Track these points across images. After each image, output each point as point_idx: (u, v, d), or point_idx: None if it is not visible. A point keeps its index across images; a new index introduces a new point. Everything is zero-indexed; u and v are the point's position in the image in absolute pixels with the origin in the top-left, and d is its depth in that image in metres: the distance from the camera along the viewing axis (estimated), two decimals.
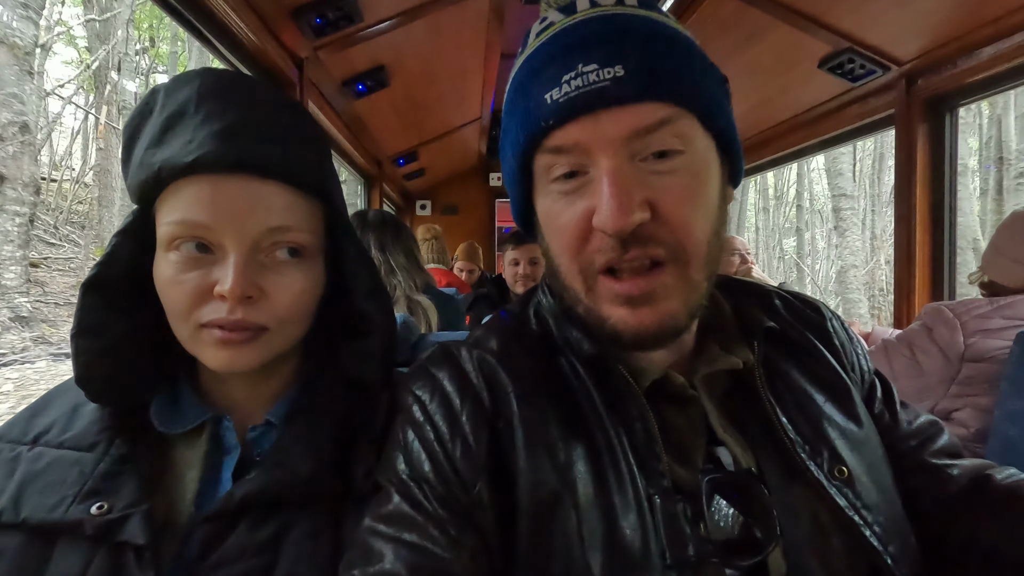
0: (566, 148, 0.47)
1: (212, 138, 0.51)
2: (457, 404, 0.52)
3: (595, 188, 0.46)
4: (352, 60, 1.97)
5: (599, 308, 0.49)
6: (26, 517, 0.50)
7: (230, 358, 0.54)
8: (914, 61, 1.80)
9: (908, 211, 1.90)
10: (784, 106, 2.36)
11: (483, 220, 4.78)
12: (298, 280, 0.56)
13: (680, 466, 0.48)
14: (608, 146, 0.45)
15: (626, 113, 0.45)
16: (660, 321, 0.47)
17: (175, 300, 0.53)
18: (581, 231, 0.48)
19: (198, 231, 0.52)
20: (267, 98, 0.57)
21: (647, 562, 0.43)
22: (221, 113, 0.52)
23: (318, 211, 0.59)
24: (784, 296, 0.64)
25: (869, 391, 0.62)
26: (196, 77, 0.54)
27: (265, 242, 0.54)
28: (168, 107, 0.54)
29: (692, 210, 0.47)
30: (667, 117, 0.45)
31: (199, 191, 0.52)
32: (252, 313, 0.53)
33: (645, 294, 0.47)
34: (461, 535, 0.46)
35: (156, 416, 0.58)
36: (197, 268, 0.52)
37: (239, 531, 0.52)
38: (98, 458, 0.54)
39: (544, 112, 0.47)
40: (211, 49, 1.39)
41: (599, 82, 0.44)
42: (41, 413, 0.59)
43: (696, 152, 0.48)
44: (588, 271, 0.49)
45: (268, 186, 0.54)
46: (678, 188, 0.46)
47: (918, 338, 1.37)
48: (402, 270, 1.55)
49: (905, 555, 0.48)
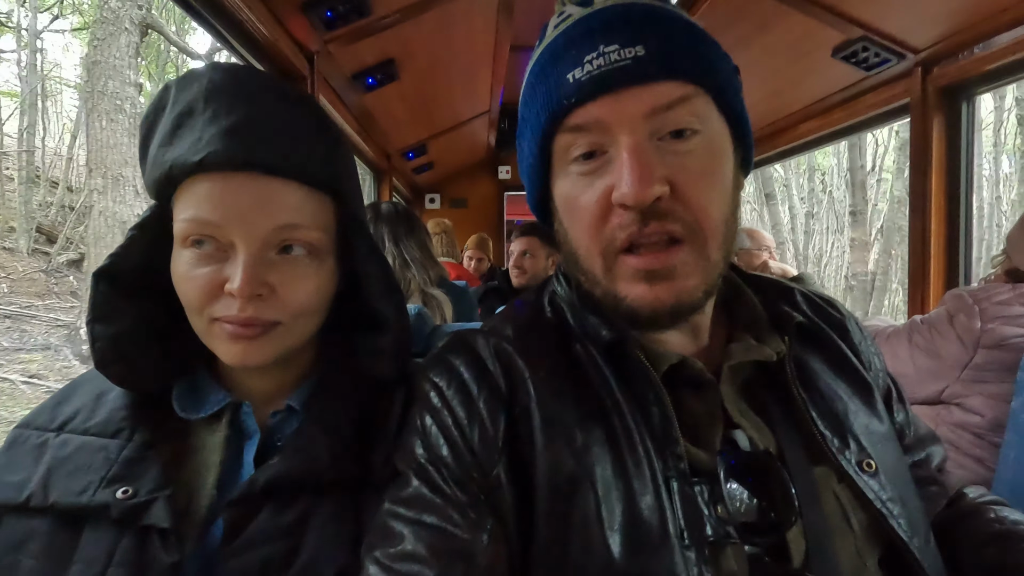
0: (587, 126, 0.48)
1: (219, 136, 0.51)
2: (474, 390, 0.52)
3: (615, 165, 0.48)
4: (362, 53, 1.97)
5: (616, 288, 0.50)
6: (55, 501, 0.52)
7: (242, 353, 0.54)
8: (930, 49, 1.76)
9: (923, 202, 1.87)
10: (796, 96, 2.33)
11: (492, 213, 4.77)
12: (309, 277, 0.57)
13: (697, 449, 0.49)
14: (628, 123, 0.47)
15: (646, 91, 0.46)
16: (677, 297, 0.48)
17: (189, 295, 0.54)
18: (601, 210, 0.49)
19: (208, 229, 0.52)
20: (275, 93, 0.56)
21: (666, 542, 0.44)
22: (228, 110, 0.52)
23: (329, 207, 0.59)
24: (806, 294, 0.65)
25: (887, 392, 0.63)
26: (205, 73, 0.54)
27: (275, 239, 0.54)
28: (178, 104, 0.54)
29: (709, 189, 0.48)
30: (685, 95, 0.47)
31: (209, 189, 0.52)
32: (262, 310, 0.54)
33: (665, 268, 0.48)
34: (480, 517, 0.47)
35: (177, 402, 0.59)
36: (209, 264, 0.53)
37: (263, 515, 0.54)
38: (122, 444, 0.55)
39: (566, 91, 0.48)
40: (223, 42, 1.40)
41: (620, 61, 0.46)
42: (66, 401, 0.60)
43: (712, 132, 0.49)
44: (608, 250, 0.50)
45: (277, 183, 0.54)
46: (695, 167, 0.48)
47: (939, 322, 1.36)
48: (416, 263, 1.55)
49: (928, 550, 0.49)
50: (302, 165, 0.55)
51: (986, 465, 1.24)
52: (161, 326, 0.59)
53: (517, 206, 4.79)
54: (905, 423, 0.62)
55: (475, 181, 4.72)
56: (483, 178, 4.73)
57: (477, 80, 2.81)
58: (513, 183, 4.70)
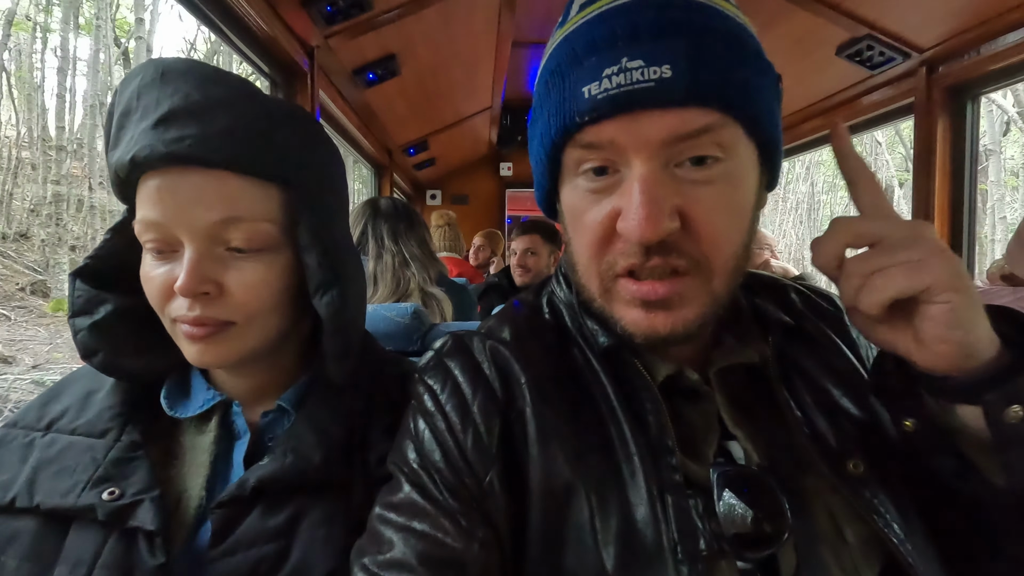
0: (599, 145, 0.45)
1: (146, 132, 0.50)
2: (469, 395, 0.52)
3: (624, 190, 0.44)
4: (362, 48, 1.96)
5: (612, 309, 0.49)
6: (40, 502, 0.51)
7: (200, 353, 0.54)
8: (935, 48, 1.75)
9: (926, 203, 1.86)
10: (799, 95, 2.31)
11: (493, 210, 4.76)
12: (257, 273, 0.54)
13: (692, 460, 0.48)
14: (644, 148, 0.43)
15: (667, 116, 0.42)
16: (672, 326, 0.46)
17: (150, 295, 0.54)
18: (605, 231, 0.46)
19: (153, 229, 0.51)
20: (207, 83, 0.52)
21: (660, 555, 0.43)
22: (156, 105, 0.50)
23: (275, 198, 0.55)
24: (800, 290, 0.64)
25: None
26: (141, 70, 0.53)
27: (219, 235, 0.52)
28: (119, 105, 0.53)
29: (724, 222, 0.45)
30: (710, 124, 0.43)
31: (150, 188, 0.51)
32: (211, 309, 0.52)
33: (662, 299, 0.46)
34: (471, 525, 0.46)
35: (166, 399, 0.59)
36: (164, 264, 0.53)
37: (253, 517, 0.53)
38: (110, 444, 0.55)
39: (580, 106, 0.44)
40: (221, 37, 1.39)
41: (643, 81, 0.41)
42: (55, 400, 0.60)
43: (736, 161, 0.45)
44: (607, 274, 0.48)
45: (213, 176, 0.51)
46: (712, 198, 0.44)
47: None
48: (416, 262, 1.53)
49: (925, 552, 0.47)
50: (236, 155, 0.52)
51: None
52: (144, 316, 0.58)
53: (518, 203, 4.77)
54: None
55: (476, 177, 4.71)
56: (485, 174, 4.72)
57: (479, 76, 2.79)
58: (515, 180, 4.68)
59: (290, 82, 1.68)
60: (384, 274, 1.47)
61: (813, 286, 0.66)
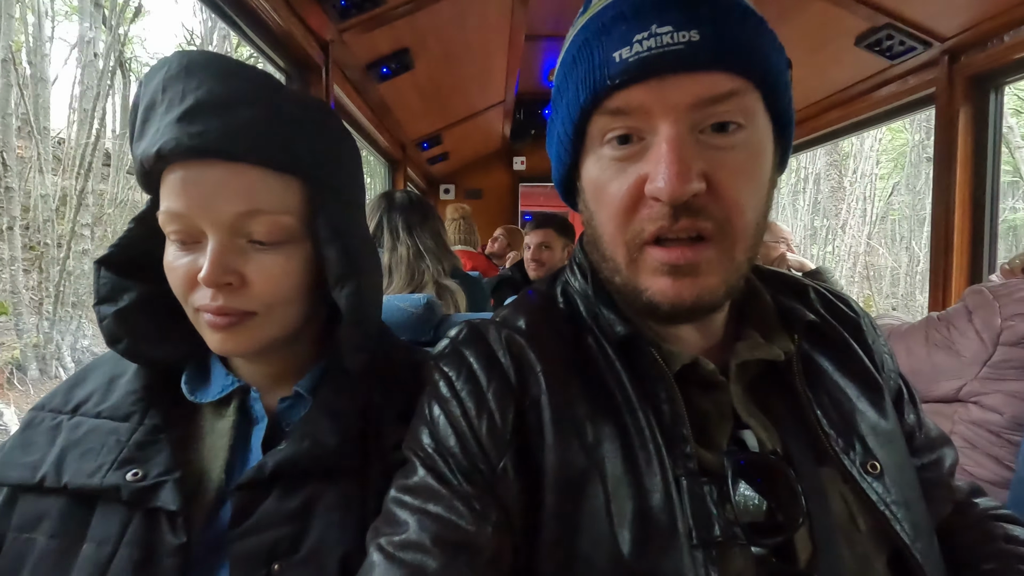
0: (627, 110, 0.46)
1: (171, 125, 0.51)
2: (484, 382, 0.52)
3: (652, 155, 0.45)
4: (376, 42, 1.97)
5: (638, 279, 0.49)
6: (67, 482, 0.53)
7: (222, 341, 0.55)
8: (957, 37, 1.71)
9: (947, 195, 1.83)
10: (817, 86, 2.28)
11: (506, 205, 4.76)
12: (278, 264, 0.55)
13: (706, 449, 0.49)
14: (671, 111, 0.44)
15: (695, 80, 0.43)
16: (699, 294, 0.47)
17: (173, 285, 0.55)
18: (631, 199, 0.47)
19: (177, 220, 0.53)
20: (229, 76, 0.53)
21: (674, 541, 0.44)
22: (181, 98, 0.51)
23: (296, 190, 0.56)
24: (820, 291, 0.64)
25: (897, 393, 0.62)
26: (165, 63, 0.54)
27: (241, 227, 0.53)
28: (144, 98, 0.54)
29: (746, 188, 0.46)
30: (735, 89, 0.44)
31: (174, 180, 0.52)
32: (233, 300, 0.53)
33: (690, 264, 0.46)
34: (485, 509, 0.47)
35: (187, 384, 0.60)
36: (188, 254, 0.54)
37: (270, 500, 0.54)
38: (133, 428, 0.56)
39: (612, 70, 0.45)
40: (237, 31, 1.41)
41: (673, 45, 0.43)
42: (80, 384, 0.62)
43: (756, 130, 0.47)
44: (634, 242, 0.48)
45: (235, 168, 0.52)
46: (735, 164, 0.45)
47: (957, 318, 1.34)
48: (430, 254, 1.53)
49: (931, 554, 0.48)
50: (259, 148, 0.53)
51: (1004, 464, 1.22)
52: (165, 304, 0.59)
53: (532, 197, 4.77)
54: (916, 425, 0.61)
55: (490, 171, 4.71)
56: (498, 168, 4.72)
57: (492, 70, 2.79)
58: (528, 174, 4.67)
59: (304, 77, 1.70)
60: (399, 266, 1.49)
61: (831, 288, 0.66)
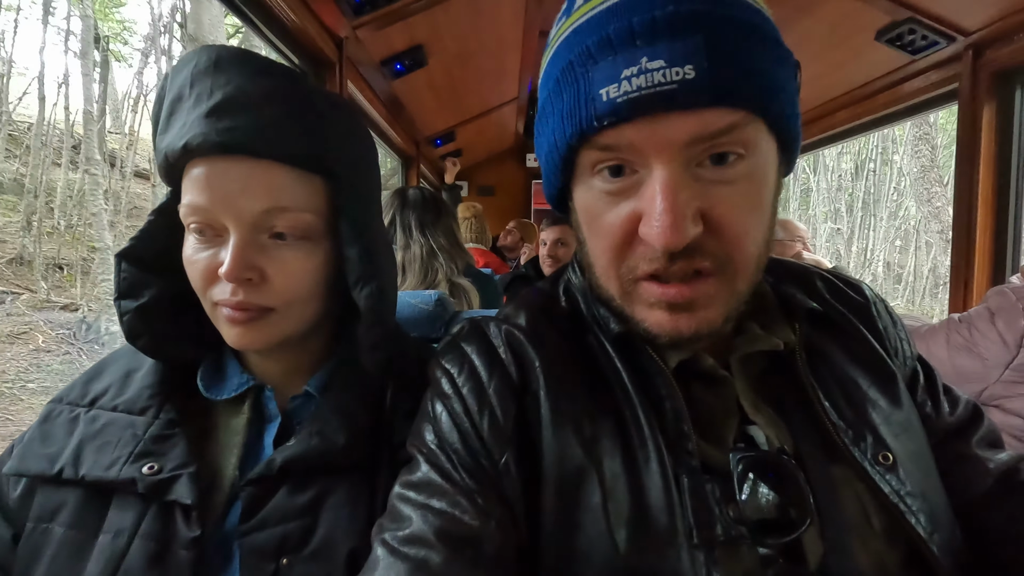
0: (617, 148, 0.43)
1: (199, 120, 0.51)
2: (485, 378, 0.52)
3: (645, 194, 0.43)
4: (390, 39, 1.97)
5: (633, 311, 0.48)
6: (84, 474, 0.54)
7: (239, 336, 0.55)
8: (982, 31, 1.67)
9: (969, 193, 1.78)
10: (837, 82, 2.24)
11: (519, 201, 4.76)
12: (298, 261, 0.56)
13: (710, 445, 0.48)
14: (665, 150, 0.41)
15: (690, 118, 0.40)
16: (697, 327, 0.46)
17: (193, 278, 0.55)
18: (625, 235, 0.45)
19: (199, 214, 0.53)
20: (258, 73, 0.53)
21: (673, 540, 0.43)
22: (209, 93, 0.52)
23: (320, 189, 0.57)
24: (827, 277, 0.62)
25: (912, 377, 0.60)
26: (193, 57, 0.54)
27: (264, 223, 0.54)
28: (171, 91, 0.54)
29: (747, 221, 0.44)
30: (735, 123, 0.41)
31: (198, 174, 0.52)
32: (253, 295, 0.54)
33: (687, 301, 0.45)
34: (488, 504, 0.47)
35: (202, 380, 0.61)
36: (208, 248, 0.54)
37: (280, 495, 0.55)
38: (149, 421, 0.57)
39: (599, 110, 0.42)
40: (252, 27, 1.41)
41: (665, 84, 0.39)
42: (97, 378, 0.63)
43: (758, 156, 0.44)
44: (627, 277, 0.47)
45: (261, 165, 0.53)
46: (735, 198, 0.43)
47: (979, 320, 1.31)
48: (444, 252, 1.53)
49: (950, 545, 0.47)
50: (285, 147, 0.53)
51: None
52: (185, 298, 0.60)
53: None
54: (933, 407, 0.59)
55: (503, 168, 4.71)
56: (511, 166, 4.72)
57: (505, 67, 2.78)
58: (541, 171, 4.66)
59: (319, 73, 1.70)
60: (412, 264, 1.49)
61: (841, 274, 0.64)
